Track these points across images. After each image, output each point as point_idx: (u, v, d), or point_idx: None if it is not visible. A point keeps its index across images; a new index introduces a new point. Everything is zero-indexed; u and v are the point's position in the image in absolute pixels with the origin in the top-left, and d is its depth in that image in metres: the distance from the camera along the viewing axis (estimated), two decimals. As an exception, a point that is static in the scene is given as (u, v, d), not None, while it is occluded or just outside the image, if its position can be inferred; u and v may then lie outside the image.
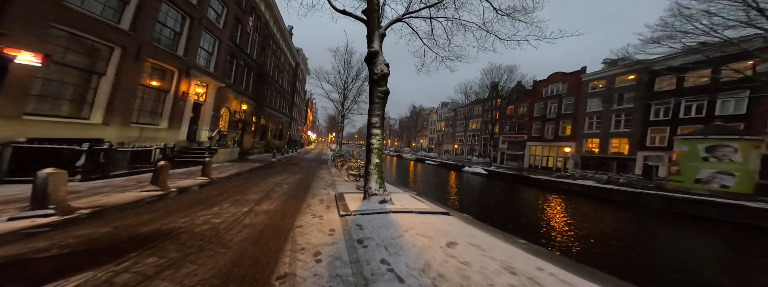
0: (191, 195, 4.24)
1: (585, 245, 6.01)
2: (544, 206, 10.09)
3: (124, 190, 3.86)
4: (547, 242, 6.06)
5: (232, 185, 5.46)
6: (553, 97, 23.27)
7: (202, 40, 10.03)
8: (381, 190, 4.37)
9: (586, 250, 5.68)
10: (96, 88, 5.80)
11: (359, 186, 5.97)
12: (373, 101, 4.63)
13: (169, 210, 3.14)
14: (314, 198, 4.61)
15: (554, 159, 22.06)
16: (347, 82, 18.70)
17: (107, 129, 5.92)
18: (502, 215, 8.36)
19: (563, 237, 6.59)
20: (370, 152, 4.50)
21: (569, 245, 5.98)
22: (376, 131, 4.57)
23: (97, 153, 4.65)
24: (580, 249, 5.75)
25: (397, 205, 4.20)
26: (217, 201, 3.91)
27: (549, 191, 13.52)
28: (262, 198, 4.37)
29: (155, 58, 7.41)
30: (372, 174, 4.40)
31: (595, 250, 5.68)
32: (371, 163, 4.45)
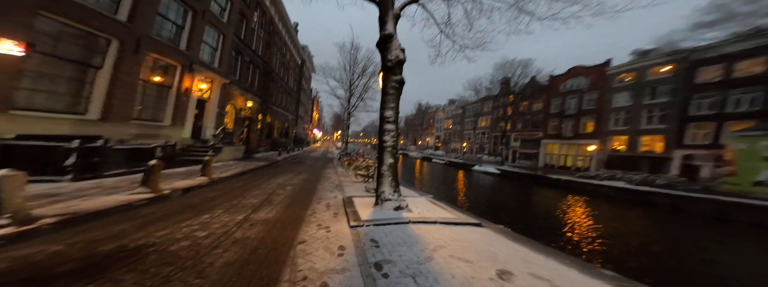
0: (184, 198, 3.81)
1: (668, 269, 4.57)
2: (577, 211, 9.04)
3: (113, 193, 3.48)
4: (617, 266, 4.42)
5: (232, 186, 5.03)
6: (572, 92, 21.74)
7: (205, 34, 9.70)
8: (396, 195, 3.77)
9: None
10: (92, 82, 5.51)
11: (369, 189, 5.41)
12: (387, 92, 4.01)
13: (150, 219, 2.67)
14: (320, 203, 4.08)
15: (573, 157, 20.67)
16: (353, 79, 18.13)
17: (105, 125, 5.64)
18: (533, 222, 7.30)
19: (632, 257, 5.03)
20: (383, 151, 3.90)
21: (650, 270, 4.50)
22: (390, 126, 3.95)
23: (89, 151, 4.32)
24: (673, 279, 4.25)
25: (415, 213, 3.59)
26: (211, 206, 3.44)
27: (572, 193, 12.47)
28: (263, 202, 3.89)
29: (156, 51, 7.09)
30: (385, 177, 3.80)
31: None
32: (384, 164, 3.85)
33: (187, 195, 4.02)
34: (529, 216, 8.18)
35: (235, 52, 12.17)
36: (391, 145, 3.90)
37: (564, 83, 22.71)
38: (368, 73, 17.93)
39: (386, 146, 3.90)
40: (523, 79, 24.65)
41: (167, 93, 7.96)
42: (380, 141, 4.00)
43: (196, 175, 5.37)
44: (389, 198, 3.72)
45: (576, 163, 20.33)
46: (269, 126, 17.25)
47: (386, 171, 3.82)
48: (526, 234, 3.30)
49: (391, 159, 3.87)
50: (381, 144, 3.95)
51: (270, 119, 17.09)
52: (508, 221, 6.75)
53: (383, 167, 3.85)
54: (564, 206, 9.79)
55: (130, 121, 6.34)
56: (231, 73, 11.70)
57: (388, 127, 3.95)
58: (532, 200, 10.99)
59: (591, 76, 20.24)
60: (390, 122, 3.96)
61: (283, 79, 20.38)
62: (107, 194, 3.41)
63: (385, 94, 4.03)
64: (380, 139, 4.00)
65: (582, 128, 20.45)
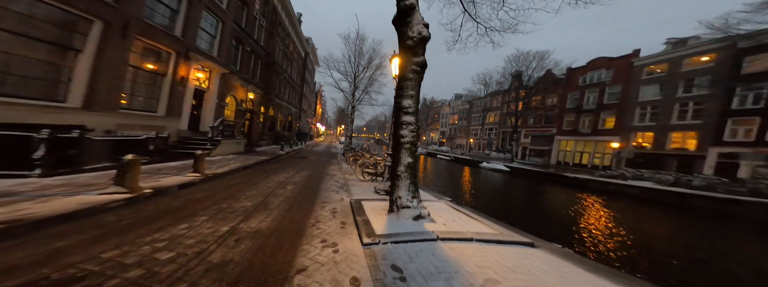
0: (166, 199, 3.25)
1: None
2: (607, 216, 7.96)
3: (82, 191, 2.95)
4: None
5: (227, 184, 4.48)
6: (592, 85, 20.35)
7: (203, 20, 9.00)
8: (415, 202, 3.12)
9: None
10: (72, 67, 4.95)
11: (379, 190, 4.78)
12: (406, 77, 3.29)
13: (108, 230, 2.10)
14: (324, 208, 3.48)
15: (590, 155, 19.55)
16: (358, 71, 17.29)
17: (88, 114, 5.12)
18: (566, 231, 6.14)
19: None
20: (399, 148, 3.22)
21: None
22: (409, 118, 3.25)
23: (63, 143, 3.80)
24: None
25: (440, 224, 2.94)
26: (195, 210, 2.87)
27: (593, 193, 11.53)
28: (258, 206, 3.30)
29: (147, 36, 6.46)
30: (402, 179, 3.14)
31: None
32: (401, 163, 3.18)
33: (170, 195, 3.47)
34: (558, 223, 7.06)
35: (235, 42, 11.49)
36: (409, 141, 3.22)
37: (583, 76, 21.27)
38: (374, 65, 17.10)
39: (404, 142, 3.22)
40: (537, 73, 23.27)
41: (161, 81, 7.39)
42: (396, 136, 3.31)
43: (189, 171, 4.84)
44: (407, 204, 3.07)
45: (593, 161, 19.24)
46: (272, 119, 16.74)
47: (403, 172, 3.16)
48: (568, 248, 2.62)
49: (410, 158, 3.19)
50: (397, 139, 3.27)
51: (273, 112, 16.55)
52: (536, 227, 5.95)
53: (400, 167, 3.18)
54: (591, 209, 8.82)
55: (118, 110, 5.81)
56: (231, 63, 11.07)
57: (407, 118, 3.25)
58: (552, 202, 10.09)
59: (615, 68, 18.77)
60: (409, 113, 3.26)
61: (286, 71, 19.69)
62: (73, 193, 2.88)
63: (404, 79, 3.31)
64: (396, 134, 3.32)
65: (601, 124, 19.20)
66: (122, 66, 5.84)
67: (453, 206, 3.94)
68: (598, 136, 19.18)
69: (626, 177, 12.36)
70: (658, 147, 15.41)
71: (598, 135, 19.15)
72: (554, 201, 9.97)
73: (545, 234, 5.22)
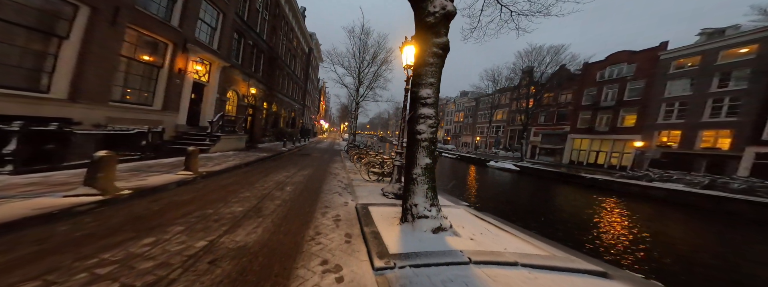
0: (143, 203, 2.82)
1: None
2: (639, 222, 6.98)
3: (47, 193, 2.55)
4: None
5: (219, 185, 4.05)
6: (612, 81, 19.14)
7: (202, 11, 8.57)
8: (434, 210, 2.59)
9: None
10: (56, 55, 4.58)
11: (387, 192, 4.26)
12: (425, 62, 2.73)
13: (50, 245, 1.64)
14: (326, 215, 2.99)
15: (607, 154, 18.50)
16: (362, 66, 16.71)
17: (75, 106, 4.76)
18: (618, 247, 5.10)
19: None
20: (416, 146, 2.68)
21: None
22: (427, 111, 2.69)
23: (38, 136, 3.42)
24: None
25: (466, 237, 2.41)
26: (172, 217, 2.43)
27: (613, 195, 10.67)
28: (249, 212, 2.84)
29: (140, 25, 6.05)
30: (418, 184, 2.61)
31: None
32: (417, 164, 2.64)
33: (151, 197, 3.04)
34: (599, 235, 5.88)
35: (237, 34, 11.06)
36: (427, 138, 2.67)
37: (601, 71, 20.03)
38: (379, 60, 16.49)
39: (420, 139, 2.67)
40: (551, 68, 22.08)
41: (157, 74, 7.02)
42: (411, 132, 2.76)
43: (181, 168, 4.44)
44: (424, 214, 2.55)
45: (609, 161, 18.20)
46: (275, 115, 16.41)
47: (420, 175, 2.62)
48: (622, 266, 2.03)
49: (428, 159, 2.65)
50: (412, 136, 2.72)
51: (276, 108, 16.20)
52: (572, 239, 5.12)
53: (416, 169, 2.64)
54: (625, 216, 7.84)
55: (109, 102, 5.45)
56: (232, 57, 10.67)
57: (424, 111, 2.69)
58: (574, 205, 9.25)
59: (638, 62, 17.52)
60: (427, 105, 2.70)
61: (289, 67, 19.27)
62: (37, 195, 2.48)
63: (422, 65, 2.74)
64: (411, 130, 2.77)
65: (621, 121, 18.07)
66: (113, 56, 5.46)
67: (474, 213, 3.40)
68: (616, 135, 18.08)
69: (651, 178, 11.43)
70: (685, 147, 14.30)
71: (617, 133, 18.05)
72: (576, 205, 9.16)
73: (589, 251, 4.50)
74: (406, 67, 4.64)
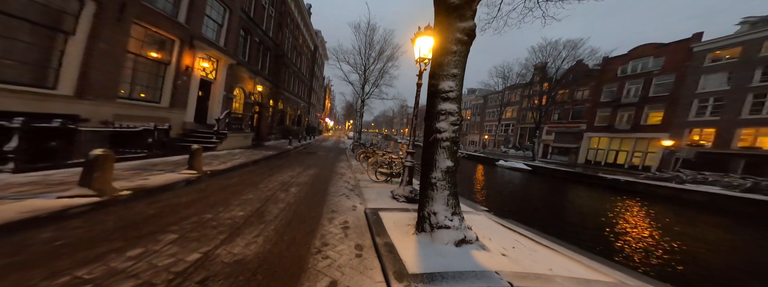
0: (140, 206, 2.65)
1: None
2: (688, 231, 6.19)
3: (43, 194, 2.41)
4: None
5: (222, 185, 3.88)
6: (635, 76, 17.89)
7: (208, 7, 8.47)
8: (456, 220, 2.26)
9: None
10: (62, 51, 4.52)
11: (398, 195, 3.96)
12: (448, 50, 2.38)
13: (14, 262, 1.45)
14: (334, 221, 2.73)
15: (628, 154, 17.38)
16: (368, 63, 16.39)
17: (82, 103, 4.72)
18: (677, 264, 4.32)
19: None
20: (435, 147, 2.35)
21: None
22: (449, 106, 2.35)
23: (41, 133, 3.34)
24: None
25: (496, 252, 2.08)
26: (167, 223, 2.23)
27: (641, 198, 9.84)
28: (251, 216, 2.62)
29: (146, 20, 5.97)
30: (438, 190, 2.29)
31: None
32: (436, 168, 2.32)
33: (149, 199, 2.87)
34: (626, 240, 5.32)
35: (243, 31, 10.96)
36: (449, 138, 2.33)
37: (623, 66, 18.75)
38: (385, 57, 16.10)
39: (441, 139, 2.33)
40: (567, 63, 20.89)
41: (164, 71, 6.97)
42: (428, 130, 2.43)
43: (185, 167, 4.31)
44: (445, 223, 2.23)
45: (631, 160, 17.08)
46: (281, 113, 16.41)
47: (440, 179, 2.29)
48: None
49: (449, 161, 2.31)
50: (431, 135, 2.39)
51: (282, 106, 16.19)
52: (615, 252, 4.43)
53: (435, 173, 2.32)
54: (652, 220, 6.99)
55: (116, 99, 5.41)
56: (239, 54, 10.60)
57: (446, 106, 2.35)
58: (593, 208, 8.55)
59: (666, 56, 16.20)
60: (449, 99, 2.35)
61: (295, 64, 19.19)
62: (31, 196, 2.35)
63: (444, 53, 2.39)
64: (429, 128, 2.43)
65: (645, 119, 16.88)
66: (119, 52, 5.40)
67: (498, 221, 3.04)
68: (639, 133, 16.91)
69: (683, 180, 10.50)
70: (721, 146, 13.10)
71: (640, 131, 16.88)
72: (601, 208, 8.40)
73: (641, 269, 3.90)
74: (419, 60, 4.28)
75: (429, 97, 2.49)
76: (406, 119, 64.06)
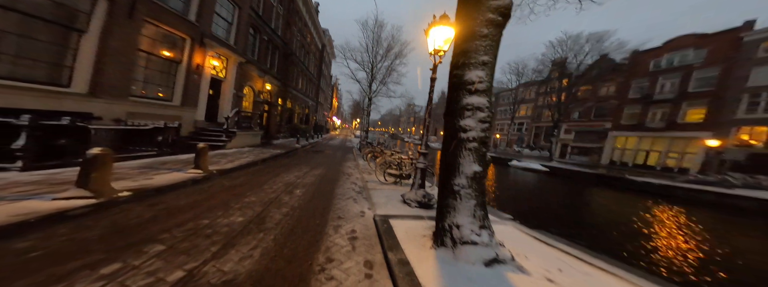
0: (138, 209, 2.50)
1: None
2: (745, 245, 5.38)
3: (42, 194, 2.32)
4: None
5: (226, 186, 3.73)
6: (671, 69, 16.22)
7: (218, 5, 8.47)
8: (485, 234, 1.89)
9: None
10: (76, 49, 4.57)
11: (410, 200, 3.62)
12: (477, 34, 1.98)
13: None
14: (340, 230, 2.44)
15: (661, 154, 15.84)
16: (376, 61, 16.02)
17: (95, 101, 4.77)
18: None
19: None
20: (460, 148, 1.97)
21: None
22: (477, 100, 1.96)
23: (50, 131, 3.33)
24: None
25: (537, 276, 1.70)
26: (159, 230, 2.03)
27: (679, 204, 8.81)
28: (250, 223, 2.40)
29: (157, 18, 5.98)
30: (462, 199, 1.92)
31: None
32: (460, 173, 1.95)
33: (149, 200, 2.73)
34: (687, 259, 4.46)
35: (252, 30, 10.96)
36: (477, 138, 1.94)
37: (657, 59, 17.05)
38: (392, 54, 15.66)
39: (467, 139, 1.95)
40: (590, 58, 19.31)
41: (175, 69, 7.02)
42: (451, 128, 2.05)
43: (192, 166, 4.22)
44: (472, 239, 1.86)
45: (664, 162, 15.53)
46: (289, 111, 16.50)
47: (465, 187, 1.92)
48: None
49: (477, 165, 1.93)
50: (454, 134, 2.01)
51: (290, 104, 16.26)
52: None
53: (459, 178, 1.95)
54: (707, 233, 5.93)
55: (129, 97, 5.46)
56: (248, 52, 10.63)
57: (473, 100, 1.96)
58: (625, 215, 7.56)
59: (710, 47, 14.46)
60: (477, 92, 1.96)
61: (303, 63, 19.22)
62: (28, 197, 2.25)
63: (472, 37, 1.99)
64: (451, 125, 2.06)
65: (682, 116, 15.26)
66: (131, 50, 5.43)
67: (530, 233, 2.61)
68: (675, 132, 15.34)
69: (732, 184, 9.26)
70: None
71: (676, 130, 15.30)
72: (635, 215, 7.41)
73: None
74: (434, 53, 3.87)
75: (451, 90, 2.10)
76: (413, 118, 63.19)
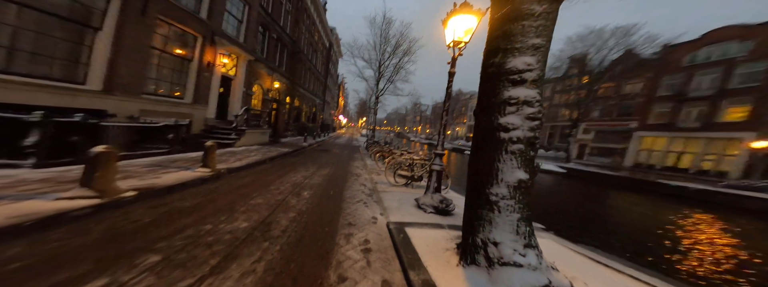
0: (140, 211, 2.37)
1: None
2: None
3: (47, 193, 2.24)
4: None
5: (233, 186, 3.60)
6: (710, 64, 14.77)
7: (229, 3, 8.46)
8: (532, 255, 1.56)
9: None
10: (91, 47, 4.60)
11: (425, 204, 3.32)
12: (520, 13, 1.63)
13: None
14: (351, 240, 2.20)
15: (696, 157, 14.52)
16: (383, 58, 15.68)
17: (109, 98, 4.81)
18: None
19: None
20: (498, 151, 1.64)
21: None
22: (524, 93, 1.62)
23: (61, 128, 3.31)
24: None
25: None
26: (159, 236, 1.87)
27: (723, 211, 7.96)
28: (254, 230, 2.20)
29: (169, 16, 5.98)
30: (502, 212, 1.60)
31: None
32: (500, 180, 1.62)
33: (153, 201, 2.61)
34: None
35: (261, 28, 10.96)
36: (523, 138, 1.60)
37: (693, 53, 15.56)
38: (401, 51, 15.27)
39: (510, 140, 1.61)
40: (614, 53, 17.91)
41: (187, 67, 7.06)
42: (487, 127, 1.73)
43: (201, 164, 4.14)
44: (515, 260, 1.54)
45: (699, 164, 14.20)
46: (297, 110, 16.56)
47: (506, 198, 1.60)
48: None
49: (522, 173, 1.60)
50: (491, 135, 1.69)
51: (298, 103, 16.30)
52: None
53: (496, 187, 1.62)
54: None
55: (142, 95, 5.50)
56: (257, 50, 10.64)
57: (518, 93, 1.62)
58: (663, 224, 6.71)
59: (757, 39, 12.96)
60: (524, 83, 1.62)
61: (311, 61, 19.21)
62: (35, 195, 2.18)
63: (516, 17, 1.64)
64: (489, 124, 1.72)
65: (721, 115, 13.86)
66: (145, 47, 5.45)
67: (574, 248, 2.24)
68: (712, 132, 13.98)
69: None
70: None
71: (714, 130, 13.95)
72: (677, 225, 6.61)
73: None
74: (453, 45, 3.52)
75: (485, 81, 1.77)
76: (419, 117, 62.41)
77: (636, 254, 4.69)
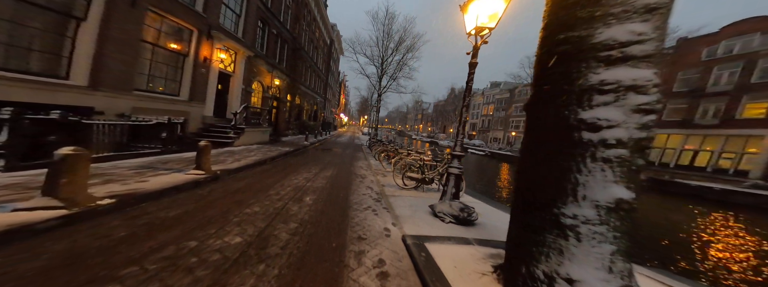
0: (116, 222, 2.02)
1: None
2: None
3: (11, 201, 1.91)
4: None
5: (228, 190, 3.25)
6: (730, 58, 14.13)
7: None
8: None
9: None
10: (74, 39, 4.25)
11: (443, 213, 2.94)
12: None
13: None
14: (362, 259, 1.83)
15: (714, 154, 13.94)
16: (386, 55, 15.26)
17: (96, 94, 4.46)
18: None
19: None
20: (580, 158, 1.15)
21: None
22: (629, 74, 1.09)
23: (36, 126, 2.97)
24: None
25: None
26: (133, 255, 1.52)
27: (746, 212, 7.48)
28: (248, 248, 1.84)
29: (162, 8, 5.60)
30: (584, 240, 1.14)
31: None
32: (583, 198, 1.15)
33: (133, 211, 2.26)
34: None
35: (261, 22, 10.54)
36: (626, 141, 1.09)
37: (711, 47, 14.88)
38: (404, 48, 14.82)
39: (601, 143, 1.11)
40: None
41: (183, 62, 6.69)
42: (558, 124, 1.23)
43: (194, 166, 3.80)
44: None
45: (717, 163, 13.63)
46: (298, 108, 16.19)
47: (593, 223, 1.13)
48: None
49: (623, 189, 1.10)
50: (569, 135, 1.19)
51: (299, 101, 15.92)
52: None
53: (576, 208, 1.16)
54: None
55: (133, 91, 5.15)
56: (257, 46, 10.25)
57: (618, 75, 1.11)
58: (696, 228, 6.21)
59: (783, 30, 12.28)
60: (629, 60, 1.09)
61: (312, 58, 18.78)
62: (-12, 206, 1.84)
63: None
64: (559, 119, 1.23)
65: (741, 111, 13.27)
66: (135, 41, 5.08)
67: (642, 272, 1.85)
68: (732, 129, 13.40)
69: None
70: None
71: (734, 127, 13.36)
72: (711, 231, 6.05)
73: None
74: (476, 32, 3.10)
75: (554, 64, 1.24)
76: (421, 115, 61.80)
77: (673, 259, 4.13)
